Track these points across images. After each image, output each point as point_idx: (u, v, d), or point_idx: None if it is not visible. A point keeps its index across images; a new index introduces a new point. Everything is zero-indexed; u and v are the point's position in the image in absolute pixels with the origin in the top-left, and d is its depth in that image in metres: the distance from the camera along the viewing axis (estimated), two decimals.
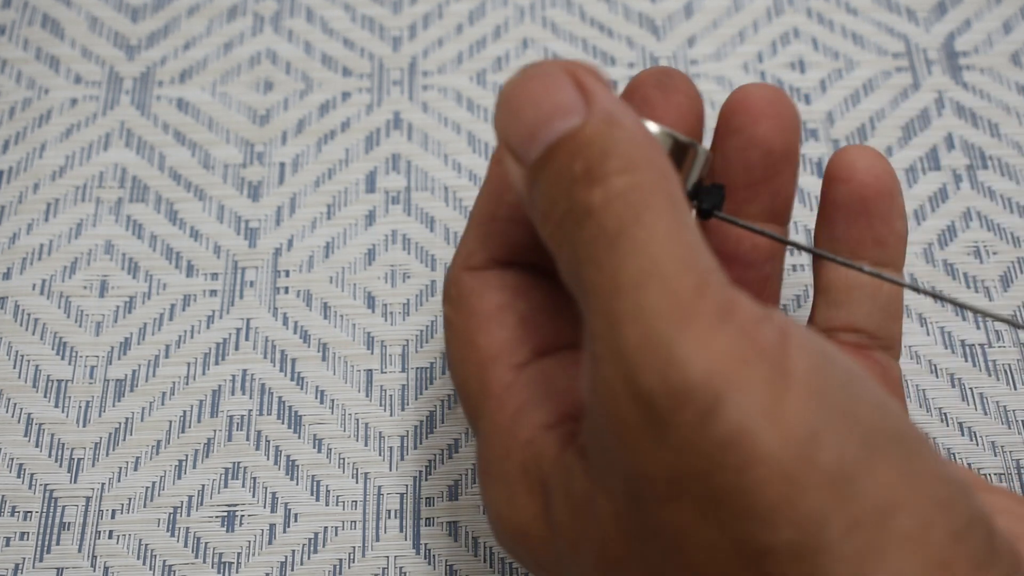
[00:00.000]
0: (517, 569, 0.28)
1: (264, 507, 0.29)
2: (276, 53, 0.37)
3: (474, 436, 0.26)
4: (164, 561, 0.28)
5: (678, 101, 0.24)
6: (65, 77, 0.36)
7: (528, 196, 0.21)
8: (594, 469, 0.20)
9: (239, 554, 0.28)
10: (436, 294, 0.32)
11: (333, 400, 0.31)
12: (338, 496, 0.29)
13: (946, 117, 0.35)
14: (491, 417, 0.23)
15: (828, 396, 0.18)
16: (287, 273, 0.33)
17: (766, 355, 0.18)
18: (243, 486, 0.29)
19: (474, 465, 0.30)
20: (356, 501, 0.29)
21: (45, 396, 0.31)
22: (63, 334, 0.32)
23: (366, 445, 0.30)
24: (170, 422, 0.30)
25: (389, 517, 0.29)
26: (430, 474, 0.30)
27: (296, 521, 0.29)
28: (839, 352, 0.19)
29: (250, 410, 0.30)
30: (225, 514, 0.29)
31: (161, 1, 0.38)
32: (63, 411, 0.30)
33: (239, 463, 0.30)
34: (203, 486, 0.29)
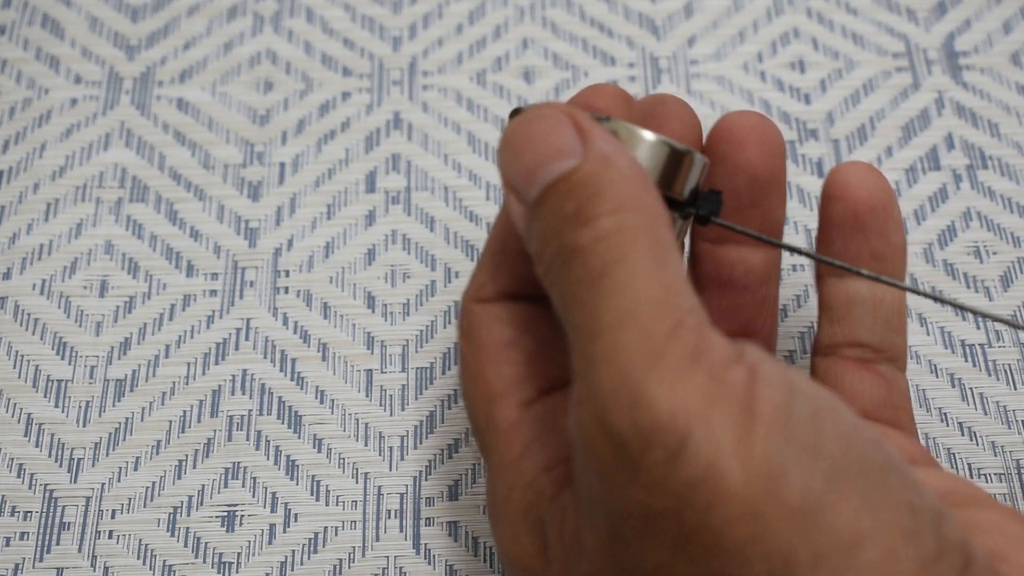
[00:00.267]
0: None
1: (264, 507, 0.29)
2: (276, 53, 0.37)
3: (484, 468, 0.27)
4: (164, 561, 0.28)
5: (671, 128, 0.25)
6: (65, 77, 0.36)
7: (527, 235, 0.22)
8: (581, 504, 0.20)
9: (239, 554, 0.28)
10: (436, 294, 0.32)
11: (333, 400, 0.31)
12: (338, 496, 0.29)
13: (946, 117, 0.35)
14: (498, 455, 0.23)
15: (793, 431, 0.18)
16: (287, 273, 0.33)
17: (734, 395, 0.18)
18: (243, 486, 0.29)
19: (474, 465, 0.30)
20: (356, 501, 0.29)
21: (45, 396, 0.31)
22: (63, 334, 0.32)
23: (366, 445, 0.30)
24: (170, 422, 0.30)
25: (389, 517, 0.29)
26: (430, 474, 0.30)
27: (296, 521, 0.29)
28: (809, 384, 0.19)
29: (250, 410, 0.30)
30: (225, 514, 0.29)
31: (161, 1, 0.38)
32: (63, 411, 0.30)
33: (239, 463, 0.30)
34: (203, 486, 0.29)
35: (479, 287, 0.25)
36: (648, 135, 0.22)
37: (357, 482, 0.29)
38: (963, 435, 0.30)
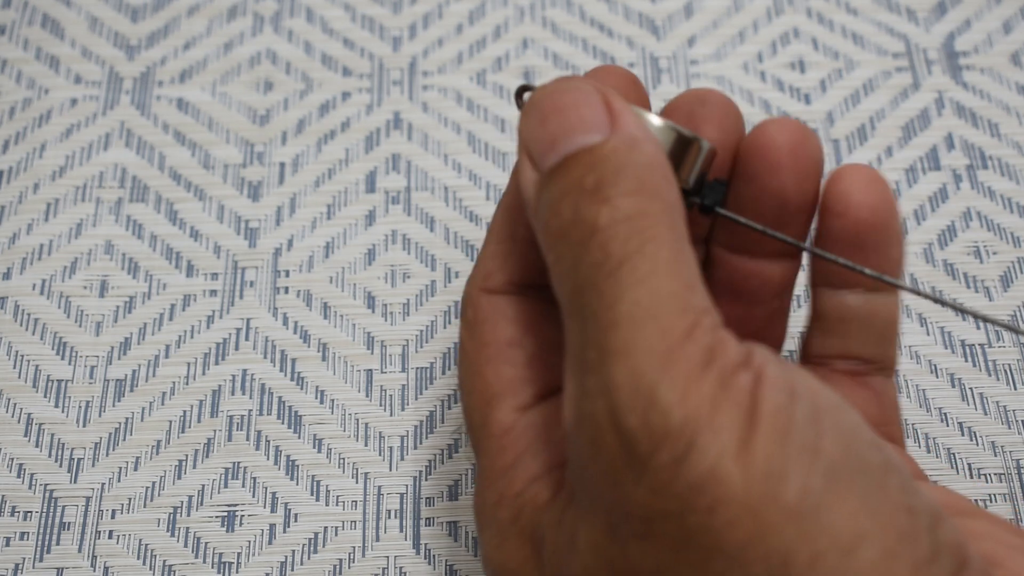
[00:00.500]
0: None
1: (264, 507, 0.29)
2: (276, 53, 0.37)
3: (474, 464, 0.27)
4: (164, 561, 0.28)
5: (707, 135, 0.24)
6: (65, 77, 0.36)
7: (535, 203, 0.21)
8: (577, 500, 0.20)
9: (239, 554, 0.28)
10: (436, 294, 0.32)
11: (333, 400, 0.31)
12: (338, 496, 0.29)
13: (946, 117, 0.35)
14: (490, 459, 0.23)
15: (793, 433, 0.18)
16: (287, 273, 0.33)
17: (740, 401, 0.18)
18: (243, 486, 0.29)
19: (474, 465, 0.30)
20: (356, 501, 0.29)
21: (45, 396, 0.31)
22: (63, 334, 0.32)
23: (366, 445, 0.30)
24: (170, 422, 0.30)
25: (389, 517, 0.29)
26: (430, 474, 0.30)
27: (296, 521, 0.29)
28: (812, 384, 0.19)
29: (250, 410, 0.30)
30: (225, 514, 0.29)
31: (161, 1, 0.38)
32: (63, 411, 0.30)
33: (239, 463, 0.30)
34: (203, 486, 0.29)
35: (486, 275, 0.24)
36: (655, 119, 0.22)
37: (357, 482, 0.29)
38: (963, 435, 0.30)
